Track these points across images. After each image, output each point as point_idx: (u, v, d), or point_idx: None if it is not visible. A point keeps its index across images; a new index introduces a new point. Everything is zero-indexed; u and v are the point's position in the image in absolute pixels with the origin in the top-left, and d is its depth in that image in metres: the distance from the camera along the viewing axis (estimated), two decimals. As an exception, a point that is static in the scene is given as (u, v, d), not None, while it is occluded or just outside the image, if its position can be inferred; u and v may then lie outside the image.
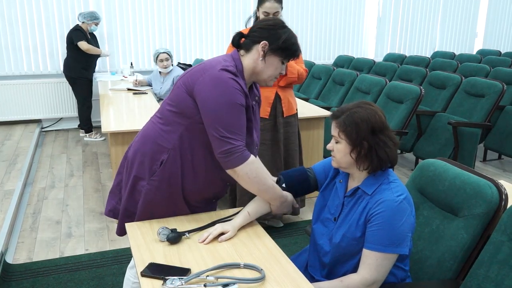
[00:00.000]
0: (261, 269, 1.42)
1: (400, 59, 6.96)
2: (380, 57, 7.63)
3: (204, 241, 1.61)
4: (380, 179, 1.56)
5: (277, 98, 3.06)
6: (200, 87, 1.65)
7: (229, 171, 1.68)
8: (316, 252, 1.70)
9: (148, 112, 3.78)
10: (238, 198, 3.14)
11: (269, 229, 3.19)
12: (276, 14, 2.86)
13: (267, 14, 2.85)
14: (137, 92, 4.77)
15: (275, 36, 1.70)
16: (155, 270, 1.43)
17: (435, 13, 8.06)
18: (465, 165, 1.78)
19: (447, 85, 4.70)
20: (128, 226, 1.74)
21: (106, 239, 3.19)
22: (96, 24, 5.40)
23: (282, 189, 1.78)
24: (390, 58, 7.16)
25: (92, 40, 5.46)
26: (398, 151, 4.64)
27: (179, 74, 3.19)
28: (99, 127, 4.38)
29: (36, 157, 5.01)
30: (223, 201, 3.44)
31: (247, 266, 1.45)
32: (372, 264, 1.50)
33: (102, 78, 5.68)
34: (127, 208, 1.84)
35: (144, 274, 1.42)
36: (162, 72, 5.00)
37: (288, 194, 1.80)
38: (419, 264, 1.75)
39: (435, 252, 1.70)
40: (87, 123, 5.70)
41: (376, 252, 1.49)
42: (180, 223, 1.75)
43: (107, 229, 3.34)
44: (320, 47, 7.37)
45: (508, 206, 1.56)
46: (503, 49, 8.68)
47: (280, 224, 3.34)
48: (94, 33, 5.57)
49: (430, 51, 8.13)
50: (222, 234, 1.64)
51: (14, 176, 4.18)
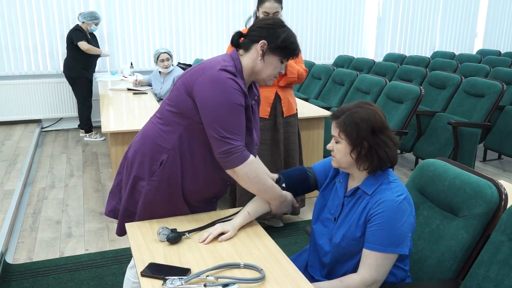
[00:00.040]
0: (261, 269, 1.42)
1: (400, 59, 6.96)
2: (380, 57, 7.63)
3: (204, 241, 1.61)
4: (380, 179, 1.56)
5: (277, 98, 3.06)
6: (199, 87, 1.64)
7: (229, 171, 1.68)
8: (316, 252, 1.70)
9: (148, 112, 3.78)
10: (238, 198, 3.14)
11: (269, 229, 3.19)
12: (276, 14, 2.85)
13: (267, 14, 2.85)
14: (137, 92, 4.77)
15: (274, 35, 1.70)
16: (155, 270, 1.43)
17: (435, 13, 8.06)
18: (465, 165, 1.79)
19: (447, 85, 4.70)
20: (128, 226, 1.74)
21: (106, 239, 3.19)
22: (96, 24, 5.40)
23: (282, 189, 1.78)
24: (390, 58, 7.16)
25: (92, 40, 5.46)
26: (398, 151, 4.64)
27: (180, 74, 3.19)
28: (99, 127, 4.38)
29: (36, 157, 5.01)
30: (223, 201, 3.44)
31: (247, 266, 1.46)
32: (372, 264, 1.50)
33: (102, 78, 5.68)
34: (127, 208, 1.84)
35: (144, 274, 1.42)
36: (162, 72, 5.00)
37: (288, 194, 1.80)
38: (419, 264, 1.75)
39: (435, 252, 1.70)
40: (87, 123, 5.70)
41: (376, 252, 1.49)
42: (180, 223, 1.75)
43: (107, 229, 3.34)
44: (320, 47, 7.37)
45: (508, 206, 1.56)
46: (503, 49, 8.68)
47: (280, 224, 3.34)
48: (94, 33, 5.57)
49: (430, 51, 8.13)
50: (222, 234, 1.64)
51: (14, 176, 4.18)
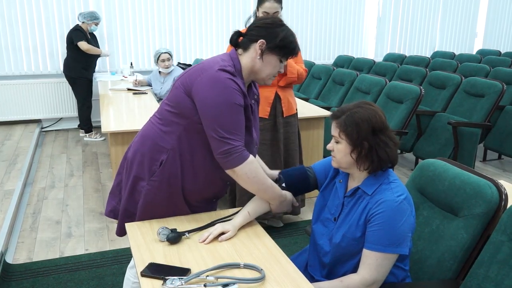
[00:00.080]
0: (261, 269, 1.42)
1: (400, 59, 6.96)
2: (380, 57, 7.63)
3: (205, 241, 1.61)
4: (380, 179, 1.56)
5: (277, 98, 3.06)
6: (198, 88, 1.64)
7: (228, 171, 1.68)
8: (316, 252, 1.70)
9: (148, 112, 3.78)
10: (238, 198, 3.14)
11: (269, 229, 3.19)
12: (276, 14, 2.85)
13: (267, 14, 2.85)
14: (137, 92, 4.77)
15: (273, 35, 1.69)
16: (155, 270, 1.43)
17: (435, 13, 8.06)
18: (465, 165, 1.78)
19: (447, 85, 4.70)
20: (128, 226, 1.74)
21: (106, 239, 3.19)
22: (96, 24, 5.40)
23: (282, 188, 1.78)
24: (390, 58, 7.16)
25: (92, 40, 5.46)
26: (398, 151, 4.64)
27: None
28: (99, 127, 4.38)
29: (36, 157, 5.01)
30: (223, 201, 3.44)
31: (247, 266, 1.45)
32: (372, 264, 1.50)
33: (102, 78, 5.68)
34: (127, 209, 1.83)
35: (144, 274, 1.42)
36: (162, 72, 4.99)
37: (288, 193, 1.80)
38: (419, 264, 1.75)
39: (435, 252, 1.70)
40: (87, 123, 5.70)
41: (376, 252, 1.49)
42: (180, 223, 1.75)
43: (107, 229, 3.34)
44: (320, 47, 7.37)
45: (508, 206, 1.56)
46: (503, 49, 8.68)
47: (280, 224, 3.34)
48: (94, 33, 5.57)
49: (430, 51, 8.13)
50: (223, 234, 1.64)
51: (14, 176, 4.18)
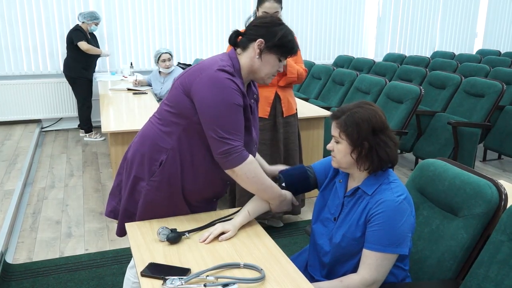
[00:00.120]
0: (261, 269, 1.42)
1: (400, 59, 6.96)
2: (380, 57, 7.63)
3: (205, 241, 1.61)
4: (380, 179, 1.56)
5: (277, 98, 3.06)
6: (197, 88, 1.64)
7: (228, 171, 1.68)
8: (316, 252, 1.70)
9: (148, 112, 3.77)
10: (238, 198, 3.14)
11: (269, 229, 3.19)
12: (276, 14, 2.85)
13: (267, 14, 2.85)
14: (137, 92, 4.77)
15: (271, 34, 1.69)
16: (155, 270, 1.43)
17: (435, 13, 8.06)
18: (465, 165, 1.78)
19: (447, 85, 4.70)
20: (128, 226, 1.74)
21: (106, 239, 3.19)
22: (96, 24, 5.40)
23: (282, 188, 1.78)
24: (390, 58, 7.16)
25: (92, 40, 5.46)
26: (398, 151, 4.64)
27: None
28: (99, 127, 4.39)
29: (36, 157, 5.01)
30: (223, 201, 3.44)
31: (247, 266, 1.45)
32: (372, 264, 1.50)
33: (102, 78, 5.68)
34: (127, 209, 1.83)
35: (144, 274, 1.42)
36: (162, 72, 5.00)
37: (287, 193, 1.80)
38: (419, 264, 1.75)
39: (435, 252, 1.70)
40: (87, 123, 5.70)
41: (376, 252, 1.49)
42: (180, 223, 1.75)
43: (107, 229, 3.34)
44: (320, 47, 7.37)
45: (508, 206, 1.56)
46: (503, 49, 8.68)
47: (280, 224, 3.34)
48: (94, 33, 5.57)
49: (430, 51, 8.13)
50: (223, 234, 1.64)
51: (14, 176, 4.18)
